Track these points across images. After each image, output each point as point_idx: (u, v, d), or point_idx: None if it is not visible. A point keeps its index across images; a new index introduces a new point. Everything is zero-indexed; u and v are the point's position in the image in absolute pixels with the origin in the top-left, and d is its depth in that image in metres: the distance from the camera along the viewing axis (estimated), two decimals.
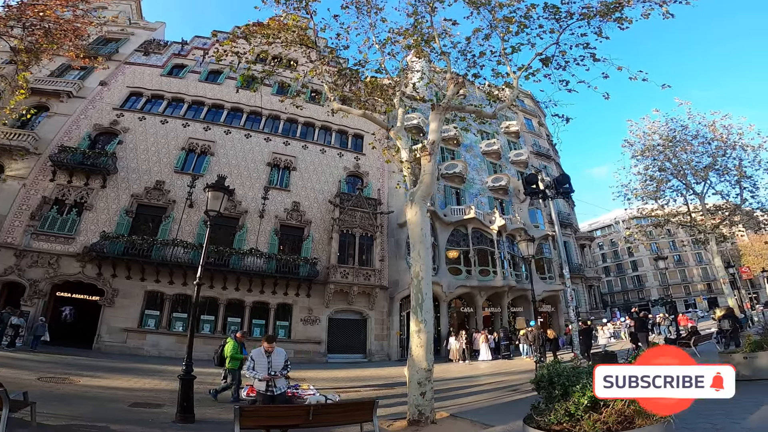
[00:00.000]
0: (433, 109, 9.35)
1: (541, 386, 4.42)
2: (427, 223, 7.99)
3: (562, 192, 11.24)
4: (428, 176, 8.29)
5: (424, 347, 6.87)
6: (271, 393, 5.65)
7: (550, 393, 4.24)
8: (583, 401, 3.75)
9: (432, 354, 6.93)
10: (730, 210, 19.90)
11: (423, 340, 6.91)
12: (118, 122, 20.78)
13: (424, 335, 6.93)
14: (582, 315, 28.03)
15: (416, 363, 6.81)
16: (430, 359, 6.89)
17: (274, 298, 18.50)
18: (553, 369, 4.37)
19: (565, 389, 4.04)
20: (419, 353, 6.84)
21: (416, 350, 6.88)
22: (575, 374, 4.14)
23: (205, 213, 8.42)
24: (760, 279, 35.15)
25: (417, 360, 6.82)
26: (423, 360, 6.79)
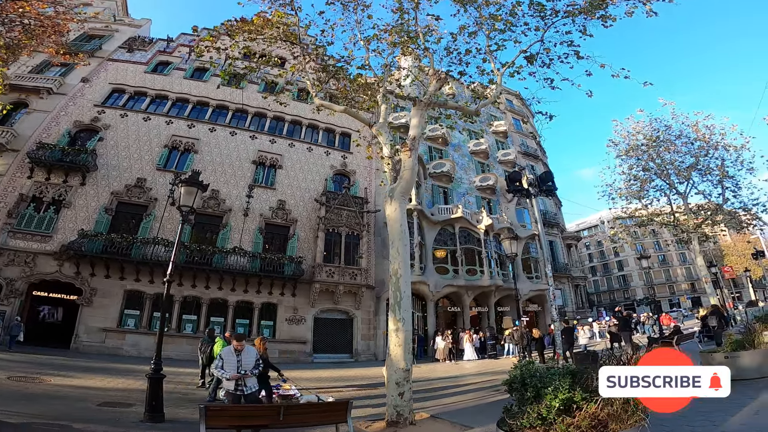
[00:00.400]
0: (415, 105, 9.25)
1: (513, 388, 4.30)
2: (405, 219, 7.86)
3: (545, 190, 11.22)
4: (408, 172, 8.18)
5: (402, 346, 6.74)
6: (241, 392, 5.50)
7: (522, 395, 4.13)
8: (554, 404, 3.65)
9: (410, 354, 6.80)
10: (712, 210, 20.14)
11: (401, 339, 6.77)
12: (99, 119, 20.35)
13: (402, 334, 6.80)
14: (568, 314, 28.24)
15: (394, 363, 6.68)
16: (409, 359, 6.77)
17: (258, 297, 18.23)
18: (525, 370, 4.26)
19: (537, 391, 3.93)
20: (397, 353, 6.71)
21: (394, 350, 6.75)
22: (548, 376, 4.03)
23: (177, 209, 8.17)
24: (743, 278, 35.82)
25: (395, 360, 6.68)
26: (401, 360, 6.66)
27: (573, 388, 3.75)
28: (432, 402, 9.37)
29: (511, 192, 10.82)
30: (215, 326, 17.41)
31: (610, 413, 3.56)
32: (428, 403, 9.32)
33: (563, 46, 9.71)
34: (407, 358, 6.73)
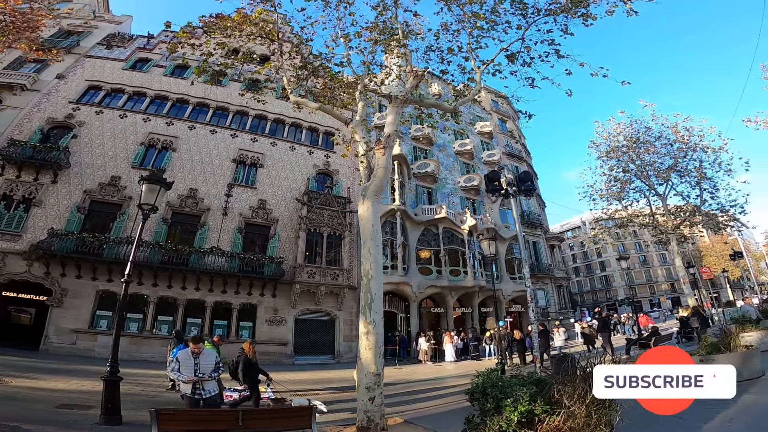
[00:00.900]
0: (390, 102, 9.08)
1: (475, 398, 4.12)
2: (378, 219, 7.68)
3: (524, 190, 11.12)
4: (382, 170, 7.99)
5: (373, 350, 6.54)
6: (199, 396, 5.27)
7: (483, 405, 3.95)
8: (513, 417, 3.47)
9: (382, 357, 6.60)
10: (690, 211, 20.43)
11: (372, 342, 6.57)
12: (74, 116, 19.76)
13: (373, 337, 6.60)
14: (551, 315, 28.42)
15: (364, 366, 6.47)
16: (380, 362, 6.56)
17: (237, 298, 17.86)
18: (487, 379, 4.07)
19: (497, 402, 3.74)
20: (368, 356, 6.51)
21: (365, 353, 6.55)
22: (510, 386, 3.85)
23: (138, 207, 7.86)
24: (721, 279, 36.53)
25: (365, 363, 6.48)
26: (372, 363, 6.45)
27: (534, 399, 3.57)
28: (408, 406, 9.19)
29: (489, 192, 10.73)
30: (193, 327, 17.21)
31: (572, 426, 3.40)
32: (404, 407, 9.14)
33: (544, 45, 9.71)
34: (378, 361, 6.53)
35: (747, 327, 10.91)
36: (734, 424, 5.23)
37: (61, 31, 23.65)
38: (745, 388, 7.07)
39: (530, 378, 4.21)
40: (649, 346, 13.66)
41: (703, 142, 19.77)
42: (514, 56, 9.79)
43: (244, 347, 8.23)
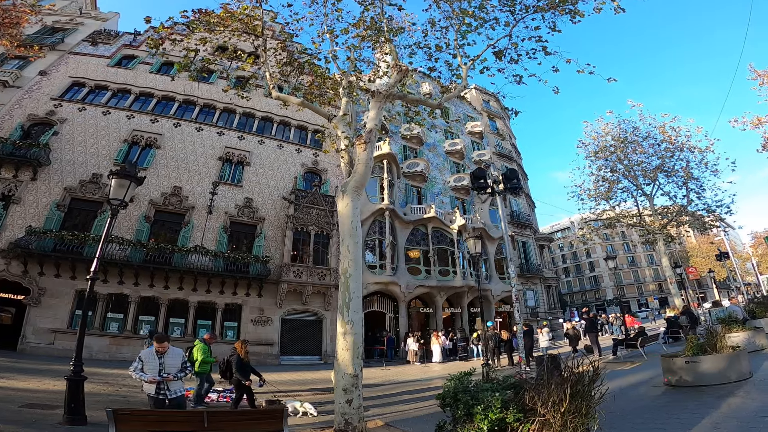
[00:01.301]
0: (373, 97, 8.92)
1: (446, 403, 3.94)
2: (358, 216, 7.50)
3: (511, 188, 11.02)
4: (362, 166, 7.82)
5: (350, 350, 6.34)
6: (164, 396, 5.05)
7: (454, 412, 3.76)
8: (484, 426, 3.29)
9: (360, 358, 6.39)
10: (677, 211, 20.52)
11: (349, 342, 6.37)
12: (55, 113, 19.30)
13: (350, 338, 6.40)
14: (540, 315, 28.45)
15: (341, 368, 6.27)
16: (358, 364, 6.35)
17: (221, 297, 17.54)
18: (459, 383, 3.89)
19: (468, 409, 3.56)
20: (345, 357, 6.31)
21: (342, 354, 6.35)
22: (482, 391, 3.66)
23: (107, 202, 7.59)
24: (707, 279, 36.88)
25: (342, 364, 6.28)
26: (349, 365, 6.25)
27: (507, 406, 3.38)
28: (391, 408, 9.02)
29: (475, 189, 10.62)
30: (176, 327, 16.91)
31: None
32: (387, 409, 8.97)
33: (531, 42, 9.64)
34: (356, 363, 6.33)
35: (734, 327, 10.86)
36: (721, 430, 4.97)
37: (46, 28, 23.39)
38: (731, 390, 6.93)
39: (505, 382, 4.04)
40: (636, 347, 13.63)
41: (690, 142, 19.90)
42: (501, 53, 9.75)
43: (236, 347, 8.06)
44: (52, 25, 23.75)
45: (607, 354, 15.14)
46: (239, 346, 8.03)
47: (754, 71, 17.72)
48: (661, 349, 14.39)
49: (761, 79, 17.31)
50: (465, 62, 9.87)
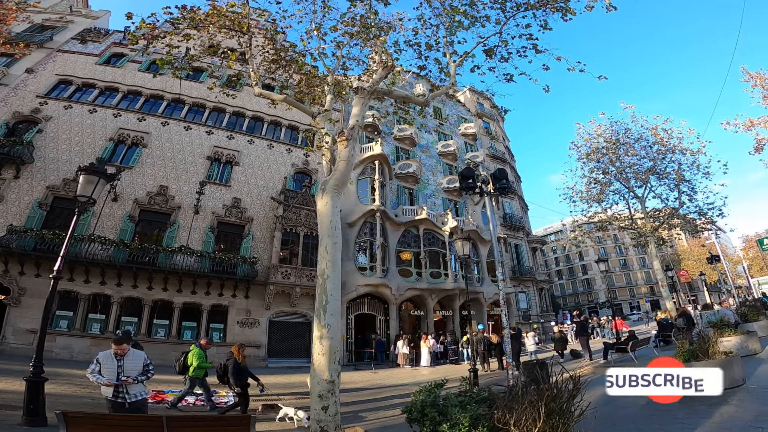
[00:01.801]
0: (356, 93, 8.70)
1: (413, 418, 3.68)
2: (337, 215, 7.25)
3: (500, 188, 10.83)
4: (343, 163, 7.58)
5: (326, 355, 6.07)
6: (123, 400, 4.84)
7: (421, 428, 3.50)
8: None
9: (337, 363, 6.14)
10: (668, 213, 20.45)
11: (325, 347, 6.11)
12: (41, 110, 18.96)
13: (327, 342, 6.13)
14: (533, 317, 28.30)
15: (317, 373, 6.00)
16: (334, 369, 6.09)
17: (207, 299, 17.21)
18: (427, 395, 3.62)
19: (434, 426, 3.31)
20: (321, 362, 6.04)
21: (317, 358, 6.08)
22: (451, 405, 3.40)
23: (74, 199, 7.30)
24: (698, 282, 36.94)
25: (318, 370, 6.01)
26: (325, 370, 5.98)
27: (476, 424, 3.14)
28: (375, 414, 8.77)
29: (463, 189, 10.43)
30: (160, 329, 16.55)
31: None
32: (371, 414, 8.72)
33: (522, 40, 9.60)
34: (332, 368, 6.07)
35: (726, 331, 10.56)
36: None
37: (36, 26, 23.20)
38: (723, 398, 6.34)
39: (479, 395, 3.76)
40: (626, 351, 13.42)
41: (682, 145, 19.87)
42: (492, 51, 9.76)
43: (233, 351, 8.02)
44: (42, 23, 23.52)
45: (597, 358, 14.97)
46: (236, 350, 8.01)
47: (746, 73, 17.71)
48: (653, 353, 14.20)
49: (754, 80, 17.29)
50: (454, 60, 9.80)
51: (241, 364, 7.81)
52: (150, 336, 16.07)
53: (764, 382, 7.66)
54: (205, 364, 8.46)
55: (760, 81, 17.40)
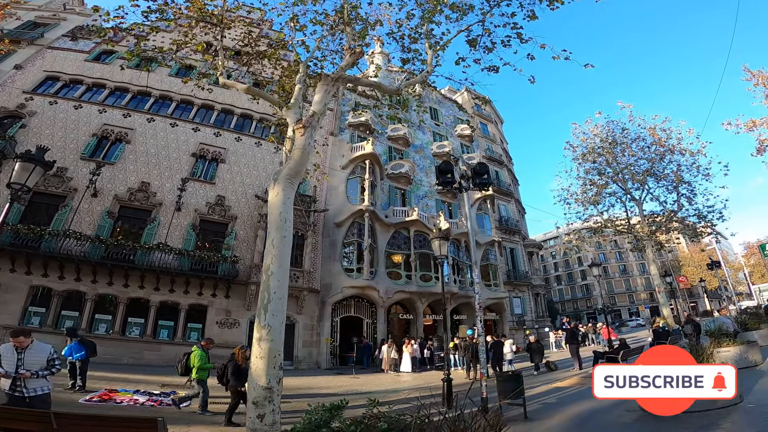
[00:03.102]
0: (321, 81, 8.25)
1: None
2: (290, 207, 6.76)
3: (480, 183, 10.27)
4: (299, 152, 7.10)
5: (265, 359, 5.52)
6: (20, 394, 4.65)
7: None
8: None
9: (278, 368, 5.57)
10: (667, 216, 19.77)
11: (264, 350, 5.56)
12: (26, 106, 18.76)
13: (266, 344, 5.58)
14: (527, 323, 27.59)
15: (254, 378, 5.46)
16: (274, 375, 5.53)
17: (186, 298, 16.75)
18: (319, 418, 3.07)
19: None
20: (258, 366, 5.50)
21: (255, 362, 5.54)
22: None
23: (7, 186, 6.85)
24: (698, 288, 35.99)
25: (255, 374, 5.47)
26: (262, 375, 5.44)
27: None
28: None
29: (440, 185, 9.91)
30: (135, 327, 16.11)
31: None
32: None
33: (506, 29, 9.02)
34: (271, 373, 5.50)
35: (723, 341, 9.74)
36: None
37: (28, 23, 23.16)
38: (716, 419, 5.80)
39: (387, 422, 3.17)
40: (617, 360, 12.69)
41: (681, 145, 19.24)
42: (475, 42, 9.50)
43: (234, 352, 8.01)
44: (35, 20, 23.52)
45: (588, 367, 14.23)
46: (238, 351, 7.99)
47: (748, 71, 17.12)
48: None
49: (756, 79, 16.70)
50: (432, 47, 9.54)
51: (242, 366, 7.65)
52: (124, 334, 15.64)
53: (765, 400, 6.74)
54: (207, 365, 8.45)
55: (762, 80, 16.79)
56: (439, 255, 10.89)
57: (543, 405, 8.90)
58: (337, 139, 24.43)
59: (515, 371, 9.84)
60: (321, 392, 12.49)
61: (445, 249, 10.95)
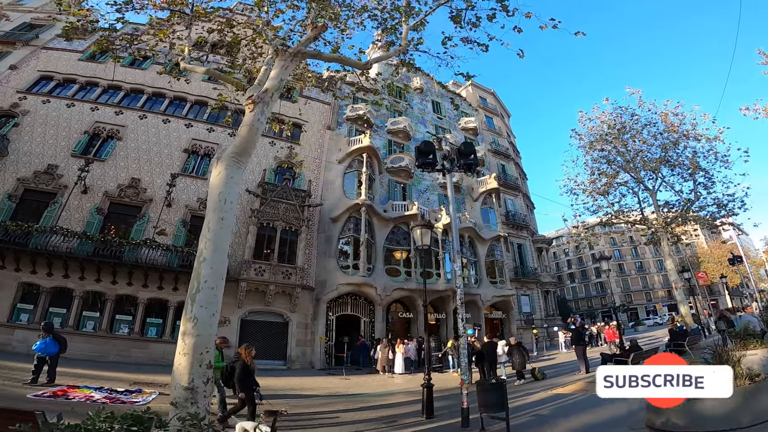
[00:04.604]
0: (277, 55, 7.65)
1: None
2: (233, 189, 6.18)
3: (465, 165, 9.45)
4: (246, 128, 6.55)
5: (189, 356, 4.88)
6: None
7: None
8: None
9: (205, 367, 4.92)
10: (684, 205, 18.45)
11: (189, 345, 4.92)
12: (20, 105, 18.88)
13: (191, 339, 4.95)
14: (536, 322, 26.45)
15: (176, 377, 4.84)
16: (199, 374, 4.87)
17: (174, 294, 16.38)
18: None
19: None
20: (181, 364, 4.87)
21: (177, 359, 4.93)
22: None
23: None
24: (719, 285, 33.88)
25: (176, 372, 4.85)
26: (185, 374, 4.80)
27: None
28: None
29: (420, 167, 9.16)
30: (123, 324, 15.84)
31: None
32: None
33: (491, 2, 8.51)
34: (196, 372, 4.85)
35: (750, 343, 8.53)
36: None
37: (24, 25, 23.39)
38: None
39: None
40: (626, 363, 11.54)
41: (696, 131, 17.91)
42: (459, 17, 8.67)
43: (240, 351, 7.45)
44: (31, 21, 23.72)
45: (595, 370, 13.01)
46: (243, 350, 7.40)
47: (763, 55, 15.81)
48: None
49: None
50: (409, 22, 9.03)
51: (250, 366, 7.15)
52: (112, 332, 15.39)
53: None
54: (219, 364, 7.89)
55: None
56: (421, 245, 10.13)
57: (534, 417, 7.95)
58: (334, 133, 23.87)
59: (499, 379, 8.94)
60: (303, 394, 11.86)
61: (428, 239, 10.24)
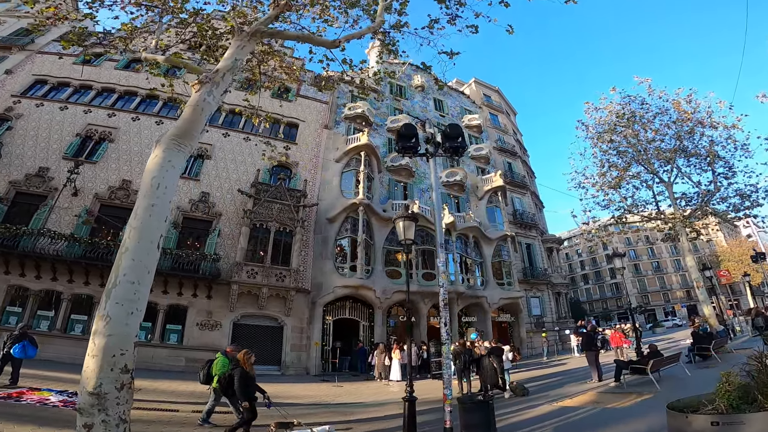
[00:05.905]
0: (234, 36, 7.06)
1: None
2: (170, 174, 5.51)
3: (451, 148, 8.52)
4: (190, 109, 5.92)
5: (98, 357, 4.18)
6: None
7: None
8: None
9: (117, 371, 4.21)
10: (703, 198, 17.20)
11: (99, 346, 4.23)
12: (14, 108, 18.89)
13: (101, 340, 4.24)
14: (547, 325, 25.23)
15: (83, 380, 4.16)
16: (110, 378, 4.15)
17: (164, 298, 15.93)
18: None
19: None
20: (89, 366, 4.18)
21: (87, 360, 4.24)
22: None
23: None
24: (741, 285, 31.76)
25: (84, 375, 4.16)
26: (92, 377, 4.10)
27: None
28: None
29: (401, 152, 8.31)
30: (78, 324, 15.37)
31: None
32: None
33: None
34: (105, 376, 4.14)
35: None
36: None
37: (21, 30, 23.52)
38: None
39: None
40: (644, 371, 10.32)
41: (712, 118, 16.70)
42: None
43: (239, 358, 6.84)
44: (27, 27, 23.87)
45: (609, 379, 11.70)
46: (242, 357, 6.77)
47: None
48: (683, 372, 11.04)
49: None
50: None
51: (250, 374, 6.64)
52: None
53: None
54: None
55: None
56: (404, 239, 9.29)
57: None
58: (332, 132, 23.30)
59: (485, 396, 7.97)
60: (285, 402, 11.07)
61: (411, 232, 9.32)
